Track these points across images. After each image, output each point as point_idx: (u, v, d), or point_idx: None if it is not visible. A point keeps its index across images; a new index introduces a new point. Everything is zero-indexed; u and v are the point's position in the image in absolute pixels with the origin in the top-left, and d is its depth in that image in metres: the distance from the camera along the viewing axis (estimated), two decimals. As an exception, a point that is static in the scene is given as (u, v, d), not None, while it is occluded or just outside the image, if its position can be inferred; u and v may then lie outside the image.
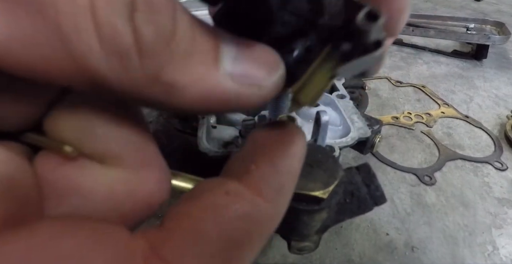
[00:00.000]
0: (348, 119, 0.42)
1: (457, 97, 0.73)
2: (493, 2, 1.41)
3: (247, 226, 0.10)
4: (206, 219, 0.10)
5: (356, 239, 0.42)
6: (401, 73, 0.82)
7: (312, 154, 0.24)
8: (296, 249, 0.27)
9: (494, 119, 0.66)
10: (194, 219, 0.10)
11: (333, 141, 0.38)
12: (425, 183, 0.50)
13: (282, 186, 0.12)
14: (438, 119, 0.65)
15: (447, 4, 1.37)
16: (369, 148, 0.42)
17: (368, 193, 0.26)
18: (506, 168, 0.54)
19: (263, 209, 0.11)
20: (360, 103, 0.61)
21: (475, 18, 0.96)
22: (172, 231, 0.10)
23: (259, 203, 0.11)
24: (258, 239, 0.11)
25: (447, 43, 0.97)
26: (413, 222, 0.44)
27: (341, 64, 0.12)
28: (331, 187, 0.22)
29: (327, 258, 0.40)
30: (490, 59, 0.89)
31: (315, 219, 0.24)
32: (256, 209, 0.11)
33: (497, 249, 0.42)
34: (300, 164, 0.13)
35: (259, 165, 0.12)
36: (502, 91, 0.76)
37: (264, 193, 0.11)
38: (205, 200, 0.11)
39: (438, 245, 0.42)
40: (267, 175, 0.11)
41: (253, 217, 0.11)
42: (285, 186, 0.12)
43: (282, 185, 0.12)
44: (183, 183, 0.22)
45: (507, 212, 0.47)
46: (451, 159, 0.55)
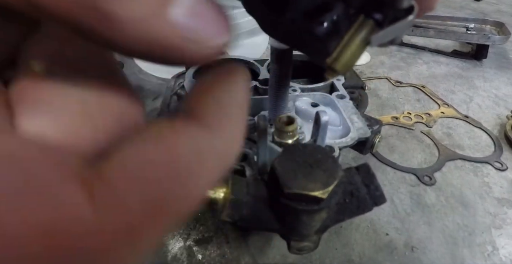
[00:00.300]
0: (348, 119, 0.42)
1: (457, 97, 0.73)
2: (493, 2, 1.41)
3: (196, 158, 0.10)
4: (153, 152, 0.10)
5: (356, 239, 0.42)
6: (401, 73, 0.82)
7: (312, 154, 0.24)
8: (296, 249, 0.27)
9: (494, 119, 0.66)
10: (141, 151, 0.10)
11: (333, 141, 0.38)
12: (425, 183, 0.50)
13: (228, 117, 0.12)
14: (438, 119, 0.65)
15: (447, 4, 1.37)
16: (368, 148, 0.42)
17: (368, 193, 0.26)
18: (506, 168, 0.54)
19: (210, 141, 0.11)
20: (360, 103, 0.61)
21: (475, 18, 0.96)
22: (117, 158, 0.10)
23: (205, 135, 0.11)
24: (209, 171, 0.11)
25: (447, 43, 0.97)
26: (413, 222, 0.45)
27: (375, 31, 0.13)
28: (331, 187, 0.22)
29: (327, 258, 0.40)
30: (490, 59, 0.89)
31: (314, 219, 0.24)
32: (203, 140, 0.11)
33: (496, 249, 0.42)
34: (244, 95, 0.13)
35: (203, 100, 0.12)
36: (502, 91, 0.76)
37: (210, 124, 0.11)
38: (151, 136, 0.10)
39: (437, 245, 0.42)
40: (212, 108, 0.11)
41: (201, 148, 0.11)
42: (231, 117, 0.12)
43: (228, 116, 0.12)
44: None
45: (507, 212, 0.47)
46: (451, 159, 0.55)
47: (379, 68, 0.83)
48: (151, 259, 0.39)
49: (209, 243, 0.41)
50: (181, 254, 0.40)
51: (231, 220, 0.24)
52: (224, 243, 0.41)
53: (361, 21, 0.13)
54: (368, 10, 0.13)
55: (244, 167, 0.35)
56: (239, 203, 0.24)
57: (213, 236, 0.41)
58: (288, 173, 0.23)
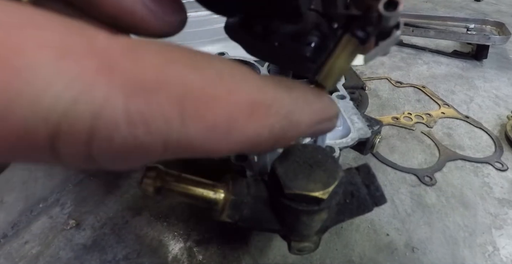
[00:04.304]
0: (348, 120, 0.42)
1: (457, 98, 0.73)
2: (493, 2, 1.41)
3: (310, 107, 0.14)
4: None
5: (356, 239, 0.42)
6: (401, 73, 0.82)
7: (312, 154, 0.24)
8: (296, 249, 0.27)
9: (494, 120, 0.66)
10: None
11: (333, 141, 0.38)
12: (426, 184, 0.50)
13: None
14: (438, 119, 0.65)
15: (447, 4, 1.37)
16: (369, 148, 0.42)
17: (368, 193, 0.26)
18: (506, 169, 0.54)
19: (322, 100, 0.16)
20: (360, 103, 0.61)
21: (475, 19, 0.96)
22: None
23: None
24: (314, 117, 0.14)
25: (447, 44, 0.97)
26: (413, 222, 0.44)
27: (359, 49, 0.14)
28: (331, 188, 0.22)
29: (327, 258, 0.40)
30: (490, 60, 0.89)
31: (315, 219, 0.24)
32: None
33: (497, 249, 0.42)
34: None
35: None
36: (502, 92, 0.76)
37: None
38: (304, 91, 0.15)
39: (438, 245, 0.42)
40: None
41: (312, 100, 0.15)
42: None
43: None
44: (183, 184, 0.22)
45: (508, 213, 0.46)
46: (451, 159, 0.55)
47: (379, 69, 0.83)
48: (151, 259, 0.39)
49: (209, 243, 0.41)
50: (181, 254, 0.40)
51: (231, 221, 0.24)
52: (225, 244, 0.41)
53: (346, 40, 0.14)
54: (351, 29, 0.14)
55: (244, 168, 0.34)
56: (239, 204, 0.24)
57: (214, 237, 0.41)
58: (288, 173, 0.23)
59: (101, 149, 0.09)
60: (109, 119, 0.09)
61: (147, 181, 0.21)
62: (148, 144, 0.10)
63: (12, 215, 0.44)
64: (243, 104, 0.11)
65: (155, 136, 0.10)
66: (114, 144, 0.09)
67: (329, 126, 0.16)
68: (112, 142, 0.09)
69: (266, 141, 0.12)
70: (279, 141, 0.13)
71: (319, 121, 0.15)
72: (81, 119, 0.09)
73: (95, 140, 0.09)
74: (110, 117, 0.09)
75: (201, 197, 0.23)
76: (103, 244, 0.40)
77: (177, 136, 0.10)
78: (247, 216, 0.24)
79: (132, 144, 0.10)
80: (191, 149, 0.11)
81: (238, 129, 0.11)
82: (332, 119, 0.16)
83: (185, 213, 0.44)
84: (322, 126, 0.15)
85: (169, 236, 0.42)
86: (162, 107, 0.10)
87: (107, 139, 0.09)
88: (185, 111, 0.10)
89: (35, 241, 0.41)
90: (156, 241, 0.41)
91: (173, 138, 0.10)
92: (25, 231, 0.42)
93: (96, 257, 0.39)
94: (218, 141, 0.11)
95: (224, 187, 0.24)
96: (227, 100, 0.11)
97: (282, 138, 0.13)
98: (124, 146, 0.09)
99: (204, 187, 0.23)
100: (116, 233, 0.42)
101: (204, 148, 0.11)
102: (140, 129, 0.09)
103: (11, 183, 0.48)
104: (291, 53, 0.16)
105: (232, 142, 0.11)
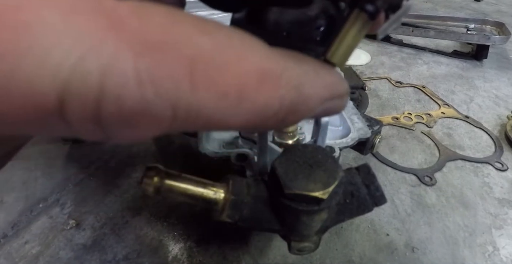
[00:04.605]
0: (348, 120, 0.42)
1: (457, 98, 0.73)
2: (493, 2, 1.41)
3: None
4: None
5: (356, 239, 0.42)
6: (401, 73, 0.82)
7: (312, 154, 0.24)
8: (296, 249, 0.27)
9: (494, 120, 0.66)
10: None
11: (333, 141, 0.38)
12: (426, 184, 0.50)
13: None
14: (438, 119, 0.65)
15: (447, 4, 1.37)
16: (369, 148, 0.42)
17: (368, 193, 0.26)
18: (506, 169, 0.54)
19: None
20: (360, 103, 0.62)
21: (475, 19, 0.96)
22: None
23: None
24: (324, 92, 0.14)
25: (447, 44, 0.97)
26: (413, 222, 0.44)
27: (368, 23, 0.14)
28: (331, 188, 0.22)
29: (327, 258, 0.40)
30: (490, 60, 0.89)
31: (315, 219, 0.24)
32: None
33: (497, 249, 0.42)
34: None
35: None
36: (502, 92, 0.76)
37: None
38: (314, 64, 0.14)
39: (438, 245, 0.42)
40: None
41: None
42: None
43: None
44: (183, 184, 0.22)
45: (508, 213, 0.46)
46: (451, 159, 0.55)
47: (379, 69, 0.83)
48: (151, 259, 0.39)
49: (209, 243, 0.41)
50: (181, 254, 0.40)
51: (231, 221, 0.24)
52: (225, 244, 0.41)
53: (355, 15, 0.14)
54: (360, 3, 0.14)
55: (244, 168, 0.34)
56: (239, 204, 0.24)
57: (214, 237, 0.41)
58: (288, 173, 0.23)
59: (110, 111, 0.09)
60: (117, 77, 0.09)
61: (147, 181, 0.21)
62: (157, 107, 0.09)
63: (12, 215, 0.44)
64: (254, 72, 0.11)
65: (164, 98, 0.09)
66: (123, 105, 0.09)
67: (339, 105, 0.15)
68: (121, 102, 0.09)
69: (276, 115, 0.12)
70: (289, 116, 0.12)
71: (330, 96, 0.14)
72: (89, 76, 0.08)
73: (104, 100, 0.09)
74: (119, 75, 0.09)
75: (201, 197, 0.23)
76: (103, 244, 0.40)
77: (186, 102, 0.10)
78: (247, 216, 0.24)
79: (141, 107, 0.09)
80: (200, 118, 0.10)
81: (248, 98, 0.11)
82: (343, 97, 0.15)
83: (185, 213, 0.44)
84: (333, 104, 0.15)
85: (169, 236, 0.42)
86: (171, 68, 0.09)
87: (116, 98, 0.09)
88: (195, 75, 0.10)
89: (35, 241, 0.41)
90: (156, 241, 0.41)
91: (182, 103, 0.10)
92: (25, 231, 0.42)
93: (96, 257, 0.39)
94: (229, 110, 0.11)
95: (224, 187, 0.24)
96: (237, 66, 0.10)
97: (292, 113, 0.12)
98: (133, 108, 0.09)
99: (204, 187, 0.23)
100: (116, 233, 0.42)
101: (214, 117, 0.11)
102: (149, 90, 0.09)
103: (11, 183, 0.48)
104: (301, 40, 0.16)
105: (242, 112, 0.11)
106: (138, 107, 0.09)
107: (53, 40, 0.08)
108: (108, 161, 0.52)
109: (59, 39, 0.08)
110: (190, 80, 0.10)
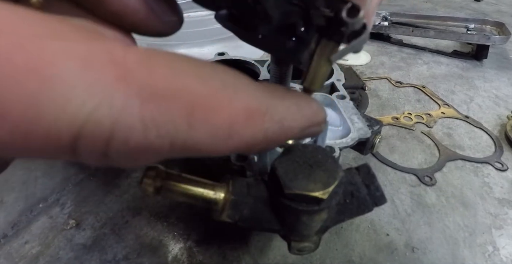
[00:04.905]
0: (348, 120, 0.42)
1: (457, 98, 0.73)
2: (493, 2, 1.41)
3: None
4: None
5: (356, 239, 0.42)
6: (401, 73, 0.82)
7: (312, 154, 0.24)
8: (296, 249, 0.27)
9: (494, 120, 0.66)
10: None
11: (333, 141, 0.38)
12: (426, 184, 0.50)
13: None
14: (438, 119, 0.65)
15: (447, 4, 1.37)
16: (369, 148, 0.42)
17: (368, 193, 0.26)
18: (506, 169, 0.54)
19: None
20: (360, 103, 0.62)
21: (475, 19, 0.96)
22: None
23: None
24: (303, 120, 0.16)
25: (447, 44, 0.97)
26: (413, 222, 0.44)
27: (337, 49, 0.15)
28: (331, 188, 0.22)
29: (327, 258, 0.40)
30: (490, 60, 0.89)
31: (315, 219, 0.24)
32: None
33: (497, 249, 0.42)
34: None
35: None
36: (502, 92, 0.76)
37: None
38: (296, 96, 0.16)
39: (438, 245, 0.42)
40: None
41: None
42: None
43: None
44: (183, 184, 0.22)
45: (508, 213, 0.46)
46: (451, 159, 0.55)
47: (379, 69, 0.83)
48: (151, 259, 0.39)
49: (209, 243, 0.41)
50: (181, 254, 0.40)
51: (231, 221, 0.24)
52: (225, 244, 0.41)
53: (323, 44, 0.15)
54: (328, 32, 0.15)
55: (244, 168, 0.34)
56: (239, 204, 0.24)
57: (214, 237, 0.41)
58: (288, 173, 0.23)
59: (117, 149, 0.10)
60: (126, 124, 0.10)
61: (147, 181, 0.21)
62: (158, 145, 0.11)
63: (12, 215, 0.44)
64: (242, 110, 0.13)
65: (164, 138, 0.11)
66: (129, 145, 0.10)
67: (317, 130, 0.18)
68: (128, 143, 0.10)
69: (261, 143, 0.14)
70: (272, 143, 0.15)
71: (309, 126, 0.16)
72: (101, 124, 0.10)
73: (112, 142, 0.10)
74: (127, 122, 0.10)
75: (201, 197, 0.23)
76: (103, 244, 0.40)
77: (183, 139, 0.11)
78: (247, 216, 0.24)
79: (144, 145, 0.11)
80: (194, 149, 0.12)
81: (237, 133, 0.13)
82: (320, 124, 0.18)
83: (185, 213, 0.44)
84: (311, 130, 0.17)
85: (169, 236, 0.42)
86: (172, 113, 0.11)
87: (124, 141, 0.10)
88: (192, 117, 0.11)
89: (35, 241, 0.41)
90: (156, 241, 0.41)
91: (179, 140, 0.11)
92: (25, 231, 0.42)
93: (96, 257, 0.39)
94: (220, 143, 0.12)
95: (224, 187, 0.24)
96: (228, 107, 0.12)
97: (274, 141, 0.15)
98: (137, 147, 0.11)
99: (204, 187, 0.23)
100: (116, 233, 0.42)
101: (206, 149, 0.12)
102: (152, 133, 0.11)
103: (11, 183, 0.48)
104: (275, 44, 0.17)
105: (231, 144, 0.13)
106: (142, 146, 0.11)
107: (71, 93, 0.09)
108: (108, 161, 0.52)
109: (76, 92, 0.09)
110: (188, 121, 0.11)
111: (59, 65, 0.09)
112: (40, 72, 0.09)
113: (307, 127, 0.16)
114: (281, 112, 0.14)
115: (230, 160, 0.35)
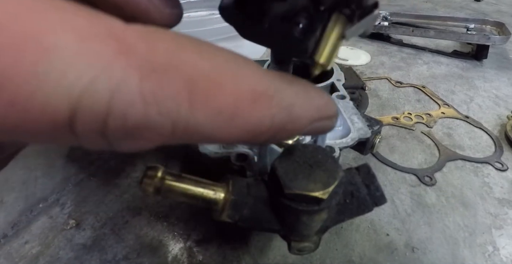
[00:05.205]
0: (348, 120, 0.42)
1: (457, 98, 0.73)
2: (493, 2, 1.41)
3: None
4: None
5: (356, 239, 0.42)
6: (401, 73, 0.82)
7: (312, 154, 0.24)
8: (296, 249, 0.27)
9: (494, 120, 0.66)
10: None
11: (333, 141, 0.38)
12: (426, 184, 0.50)
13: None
14: (438, 119, 0.65)
15: (447, 4, 1.37)
16: (369, 148, 0.42)
17: (368, 193, 0.26)
18: (506, 169, 0.54)
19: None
20: (360, 103, 0.62)
21: (475, 19, 0.96)
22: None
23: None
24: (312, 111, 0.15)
25: (447, 44, 0.97)
26: (413, 222, 0.44)
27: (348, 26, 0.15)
28: (331, 188, 0.22)
29: (327, 258, 0.40)
30: (490, 60, 0.89)
31: (315, 219, 0.24)
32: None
33: (497, 249, 0.42)
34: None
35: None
36: (502, 92, 0.76)
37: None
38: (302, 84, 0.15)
39: (438, 245, 0.42)
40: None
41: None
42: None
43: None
44: (183, 184, 0.22)
45: (508, 213, 0.46)
46: (451, 159, 0.55)
47: (379, 69, 0.83)
48: (151, 259, 0.39)
49: (209, 243, 0.41)
50: (181, 254, 0.40)
51: (231, 221, 0.24)
52: (225, 244, 0.41)
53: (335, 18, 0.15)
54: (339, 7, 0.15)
55: (244, 168, 0.35)
56: (239, 204, 0.24)
57: (214, 237, 0.41)
58: (288, 173, 0.23)
59: (115, 126, 0.10)
60: (125, 98, 0.10)
61: (147, 181, 0.21)
62: (159, 124, 0.10)
63: (12, 215, 0.44)
64: (247, 92, 0.12)
65: (165, 116, 0.10)
66: (127, 121, 0.10)
67: (328, 125, 0.16)
68: (126, 119, 0.10)
69: (267, 132, 0.13)
70: (279, 133, 0.13)
71: (319, 118, 0.15)
72: (99, 97, 0.09)
73: (110, 117, 0.10)
74: (126, 96, 0.10)
75: (201, 197, 0.23)
76: (103, 244, 0.40)
77: (185, 119, 0.11)
78: (247, 216, 0.24)
79: (144, 123, 0.10)
80: (197, 133, 0.11)
81: (241, 116, 0.12)
82: (331, 118, 0.16)
83: (185, 213, 0.44)
84: (321, 124, 0.15)
85: (169, 236, 0.42)
86: (173, 89, 0.10)
87: (122, 116, 0.10)
88: (193, 95, 0.11)
89: (35, 241, 0.41)
90: (156, 241, 0.41)
91: (181, 120, 0.11)
92: (25, 231, 0.42)
93: (96, 257, 0.39)
94: (223, 126, 0.12)
95: (224, 187, 0.24)
96: (232, 87, 0.12)
97: (282, 131, 0.13)
98: (136, 124, 0.10)
99: (204, 187, 0.23)
100: (116, 233, 0.42)
101: (209, 133, 0.12)
102: (152, 109, 0.10)
103: (11, 183, 0.48)
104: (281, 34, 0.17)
105: (235, 128, 0.12)
106: (141, 123, 0.10)
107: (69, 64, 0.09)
108: (108, 161, 0.52)
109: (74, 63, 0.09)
110: (189, 99, 0.11)
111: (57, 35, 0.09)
112: (38, 41, 0.09)
113: (317, 119, 0.15)
114: (290, 98, 0.13)
115: (230, 160, 0.35)
